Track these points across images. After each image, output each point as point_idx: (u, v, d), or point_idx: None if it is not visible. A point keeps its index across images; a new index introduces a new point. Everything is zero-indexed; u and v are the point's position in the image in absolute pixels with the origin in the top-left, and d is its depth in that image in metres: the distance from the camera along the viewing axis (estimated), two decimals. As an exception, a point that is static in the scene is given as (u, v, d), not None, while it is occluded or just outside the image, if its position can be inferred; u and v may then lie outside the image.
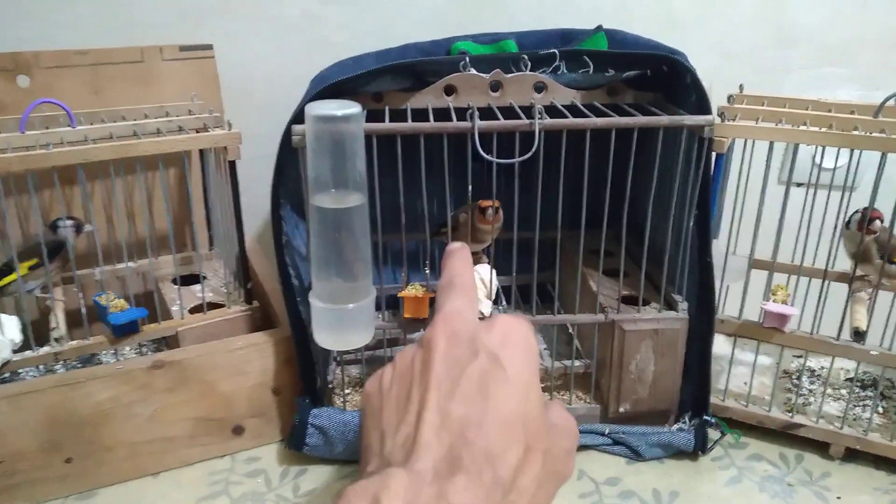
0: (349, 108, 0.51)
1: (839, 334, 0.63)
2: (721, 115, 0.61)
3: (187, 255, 0.77)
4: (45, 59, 0.71)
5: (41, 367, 0.63)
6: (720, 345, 0.70)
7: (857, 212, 0.64)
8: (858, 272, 0.64)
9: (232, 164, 0.63)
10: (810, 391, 0.70)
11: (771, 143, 0.62)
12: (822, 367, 0.75)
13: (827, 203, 0.65)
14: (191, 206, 0.73)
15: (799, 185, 0.65)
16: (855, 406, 0.68)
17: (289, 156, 0.59)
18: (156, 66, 0.76)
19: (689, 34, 0.86)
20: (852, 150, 0.60)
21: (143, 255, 0.72)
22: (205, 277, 0.73)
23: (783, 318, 0.63)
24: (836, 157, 0.64)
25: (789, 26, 0.88)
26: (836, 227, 0.63)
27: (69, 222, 0.64)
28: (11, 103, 0.70)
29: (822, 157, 0.62)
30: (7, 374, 0.61)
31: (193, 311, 0.67)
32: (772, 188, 0.63)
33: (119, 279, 0.71)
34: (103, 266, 0.66)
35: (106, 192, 0.74)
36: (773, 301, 0.64)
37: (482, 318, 0.62)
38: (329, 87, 0.57)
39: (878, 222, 0.62)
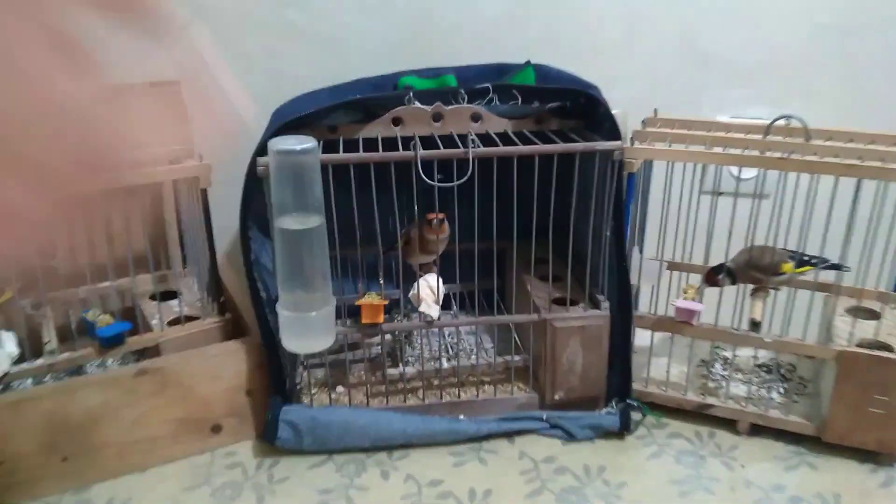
0: (306, 143, 0.59)
1: (739, 325, 0.73)
2: (632, 139, 0.71)
3: (163, 274, 0.84)
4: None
5: (35, 377, 0.70)
6: (643, 338, 0.79)
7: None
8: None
9: (203, 192, 0.71)
10: (722, 377, 0.80)
11: (684, 163, 0.72)
12: (736, 356, 0.85)
13: (734, 210, 0.75)
14: (166, 229, 0.80)
15: (719, 193, 0.75)
16: (760, 388, 0.78)
17: (254, 184, 0.67)
18: (126, 100, 0.83)
19: (613, 62, 0.96)
20: (739, 167, 0.70)
21: (123, 275, 0.79)
22: (180, 293, 0.80)
23: (691, 312, 0.73)
24: (739, 171, 0.74)
25: (703, 53, 0.99)
26: (748, 232, 0.73)
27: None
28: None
29: (740, 170, 0.73)
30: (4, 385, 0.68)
31: (171, 323, 0.75)
32: (696, 197, 0.72)
33: (101, 297, 0.78)
34: (88, 285, 0.73)
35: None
36: (684, 298, 0.74)
37: (430, 321, 0.71)
38: (287, 123, 0.66)
39: (710, 279, 0.72)
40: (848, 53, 0.98)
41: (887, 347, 0.69)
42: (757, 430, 0.74)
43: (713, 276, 0.72)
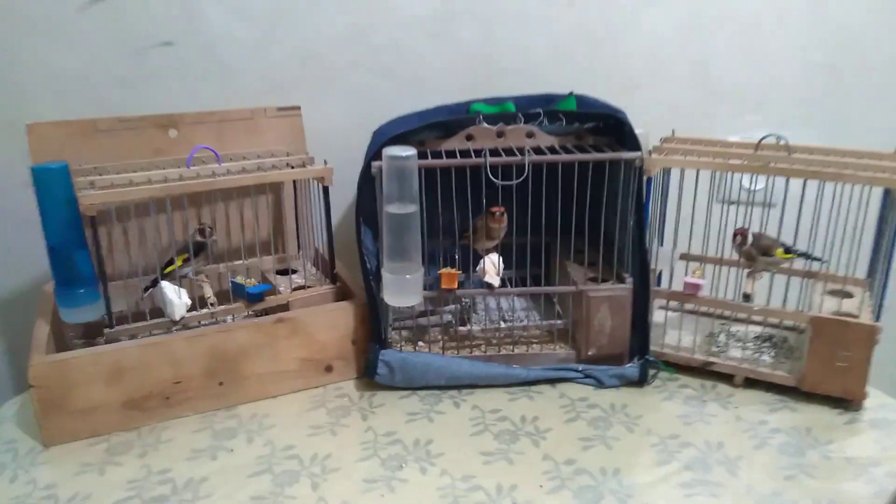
0: (409, 151, 0.83)
1: (735, 297, 0.93)
2: (650, 151, 0.92)
3: (282, 256, 1.08)
4: (187, 118, 1.03)
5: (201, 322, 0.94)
6: (663, 315, 0.99)
7: (735, 235, 0.93)
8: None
9: (325, 190, 0.95)
10: (726, 343, 1.00)
11: (697, 171, 0.92)
12: (738, 330, 1.03)
13: (736, 214, 0.95)
14: (284, 220, 1.04)
15: (732, 202, 0.94)
16: (754, 353, 0.97)
17: (364, 184, 0.90)
18: (261, 122, 1.07)
19: (642, 93, 1.18)
20: (736, 174, 0.90)
21: (252, 255, 1.03)
22: (295, 271, 1.04)
23: (696, 286, 0.93)
24: (752, 182, 0.95)
25: (717, 83, 1.19)
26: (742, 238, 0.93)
27: (208, 229, 0.95)
28: (165, 148, 1.02)
29: (753, 181, 0.93)
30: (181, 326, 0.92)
31: (295, 289, 0.98)
32: (706, 199, 0.92)
33: (234, 272, 1.02)
34: (227, 262, 0.97)
35: (225, 211, 1.05)
36: (692, 276, 0.94)
37: (492, 288, 0.93)
38: (390, 138, 0.89)
39: (739, 237, 0.92)
40: (837, 86, 1.18)
41: (853, 316, 0.88)
42: (750, 384, 0.93)
43: (741, 233, 0.92)
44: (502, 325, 0.98)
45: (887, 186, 0.84)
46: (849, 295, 0.94)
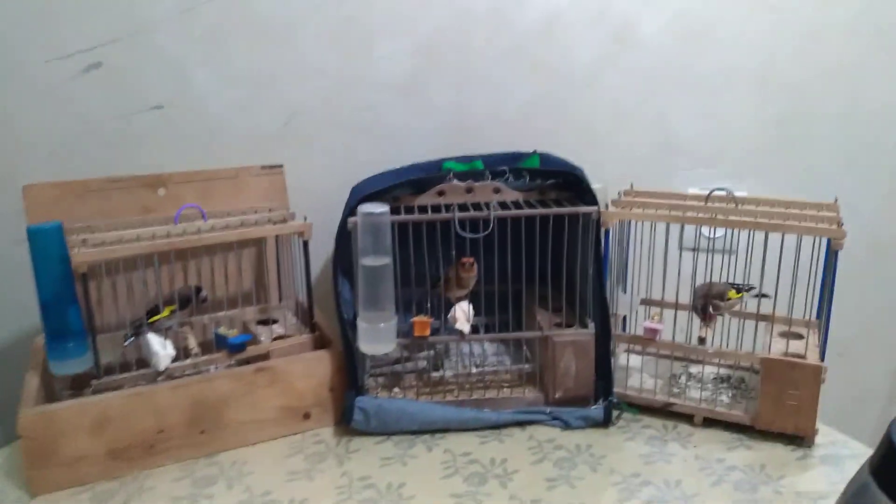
0: (382, 208, 0.89)
1: (690, 341, 0.98)
2: (607, 205, 0.99)
3: (263, 307, 1.13)
4: (175, 178, 1.09)
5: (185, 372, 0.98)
6: (626, 358, 1.05)
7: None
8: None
9: (305, 244, 1.00)
10: (686, 385, 1.05)
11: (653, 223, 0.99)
12: (698, 371, 1.09)
13: (695, 260, 1.01)
14: (266, 273, 1.09)
15: (692, 249, 1.00)
16: (713, 394, 1.02)
17: (341, 239, 0.96)
18: (245, 180, 1.13)
19: (603, 148, 1.26)
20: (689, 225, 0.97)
21: (235, 306, 1.08)
22: (275, 321, 1.09)
23: (655, 331, 0.98)
24: (711, 231, 1.01)
25: (674, 139, 1.27)
26: (704, 275, 0.99)
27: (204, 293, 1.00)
28: (154, 206, 1.07)
29: (712, 231, 0.99)
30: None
31: (275, 339, 1.03)
32: (664, 249, 0.99)
33: (217, 322, 1.07)
34: (210, 313, 1.02)
35: (210, 264, 1.10)
36: (651, 321, 1.00)
37: (462, 335, 0.98)
38: (366, 195, 0.95)
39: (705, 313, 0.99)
40: (786, 139, 1.27)
41: (800, 356, 0.94)
42: (709, 423, 0.98)
43: (707, 311, 0.97)
44: (474, 370, 1.03)
45: (822, 236, 0.91)
46: (799, 336, 1.00)
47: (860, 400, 1.42)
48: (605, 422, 0.98)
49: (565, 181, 1.00)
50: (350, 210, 0.93)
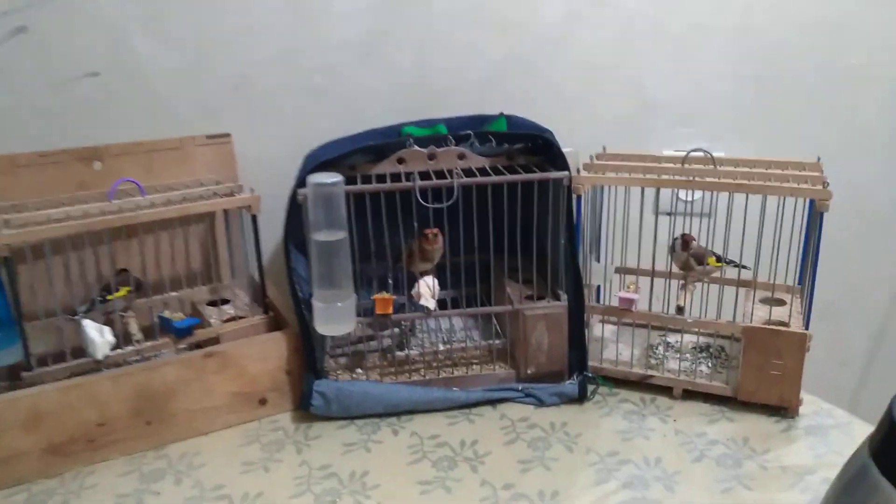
0: (334, 177, 0.81)
1: (668, 311, 0.93)
2: (579, 169, 0.93)
3: (214, 286, 1.06)
4: (113, 149, 1.00)
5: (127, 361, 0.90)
6: (601, 328, 0.99)
7: (676, 238, 0.94)
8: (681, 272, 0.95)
9: (254, 218, 0.93)
10: (664, 356, 1.00)
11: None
12: (676, 341, 1.04)
13: (671, 225, 0.95)
14: (217, 249, 1.01)
15: (669, 213, 0.95)
16: (692, 364, 0.97)
17: (293, 211, 0.88)
18: (190, 151, 1.05)
19: (573, 110, 1.19)
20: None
21: (182, 288, 1.01)
22: (227, 301, 1.01)
23: (630, 301, 0.93)
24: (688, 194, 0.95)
25: (651, 99, 1.21)
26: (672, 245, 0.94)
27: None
28: (89, 181, 0.99)
29: (689, 193, 0.93)
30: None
31: (227, 321, 0.95)
32: (640, 214, 0.93)
33: (166, 305, 0.99)
34: (160, 295, 0.94)
35: (155, 242, 1.02)
36: (626, 291, 0.94)
37: (428, 312, 0.91)
38: (319, 164, 0.87)
39: (693, 242, 0.93)
40: (764, 97, 1.21)
41: (784, 324, 0.89)
42: (688, 395, 0.94)
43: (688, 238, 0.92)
44: (441, 347, 0.97)
45: (807, 197, 0.86)
46: (781, 302, 0.95)
47: (841, 363, 1.39)
48: (581, 397, 0.93)
49: (534, 145, 0.93)
50: (301, 181, 0.85)
